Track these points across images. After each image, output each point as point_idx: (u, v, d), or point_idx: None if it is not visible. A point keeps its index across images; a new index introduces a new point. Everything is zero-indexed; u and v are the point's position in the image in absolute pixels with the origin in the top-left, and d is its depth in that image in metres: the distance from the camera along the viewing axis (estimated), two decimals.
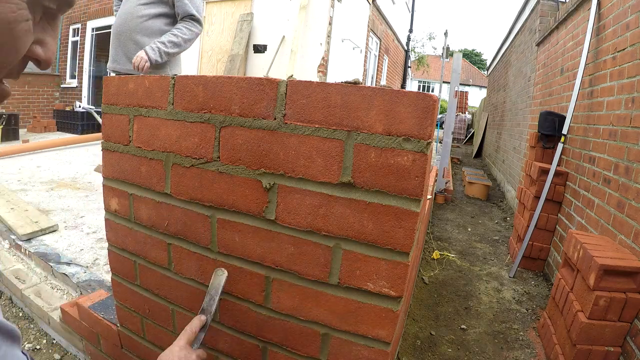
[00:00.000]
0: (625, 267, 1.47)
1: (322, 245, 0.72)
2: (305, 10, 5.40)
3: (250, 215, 0.77)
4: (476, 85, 32.46)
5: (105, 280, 1.78)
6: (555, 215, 2.71)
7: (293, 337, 0.79)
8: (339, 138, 0.67)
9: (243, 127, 0.75)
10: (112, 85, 0.95)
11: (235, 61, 5.62)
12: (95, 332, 1.29)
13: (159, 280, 0.95)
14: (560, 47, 3.35)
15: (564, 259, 1.86)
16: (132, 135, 0.91)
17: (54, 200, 2.89)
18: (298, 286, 0.75)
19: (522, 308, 2.23)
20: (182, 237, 0.88)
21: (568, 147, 2.70)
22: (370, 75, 9.41)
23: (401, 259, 0.67)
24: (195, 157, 0.82)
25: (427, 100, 0.61)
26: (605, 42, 2.26)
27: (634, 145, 1.77)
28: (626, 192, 1.77)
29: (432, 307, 2.14)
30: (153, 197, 0.90)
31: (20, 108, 7.33)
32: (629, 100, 1.89)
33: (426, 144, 0.62)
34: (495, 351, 1.79)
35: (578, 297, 1.61)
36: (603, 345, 1.51)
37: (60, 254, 2.01)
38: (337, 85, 0.66)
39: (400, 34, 11.99)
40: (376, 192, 0.66)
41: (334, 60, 5.96)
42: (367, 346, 0.72)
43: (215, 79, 0.77)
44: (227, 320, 0.86)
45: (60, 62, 8.66)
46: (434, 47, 24.61)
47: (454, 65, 4.74)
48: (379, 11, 8.76)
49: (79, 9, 8.25)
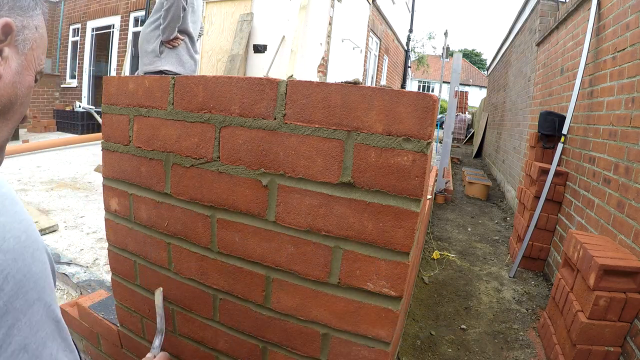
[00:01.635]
0: (625, 267, 1.47)
1: (322, 245, 0.72)
2: (305, 10, 5.39)
3: (250, 215, 0.77)
4: (476, 85, 32.45)
5: (105, 280, 1.78)
6: (555, 215, 2.71)
7: (293, 337, 0.79)
8: (339, 138, 0.67)
9: (243, 127, 0.75)
10: (112, 85, 0.95)
11: (235, 61, 5.62)
12: (95, 332, 1.29)
13: (159, 280, 0.95)
14: (560, 47, 3.35)
15: (564, 259, 1.86)
16: (132, 135, 0.91)
17: (54, 200, 2.89)
18: (298, 286, 0.75)
19: (522, 308, 2.23)
20: (182, 237, 0.88)
21: (568, 147, 2.70)
22: (370, 75, 9.41)
23: (401, 259, 0.66)
24: (195, 157, 0.82)
25: (427, 100, 0.61)
26: (605, 42, 2.26)
27: (634, 145, 1.77)
28: (626, 192, 1.77)
29: (432, 307, 2.14)
30: (153, 197, 0.90)
31: None
32: (629, 100, 1.89)
33: (426, 144, 0.62)
34: (495, 351, 1.79)
35: (578, 297, 1.61)
36: (603, 345, 1.51)
37: (60, 254, 2.01)
38: (337, 85, 0.66)
39: (400, 34, 11.99)
40: (376, 192, 0.66)
41: (334, 60, 5.96)
42: (367, 346, 0.72)
43: (215, 79, 0.77)
44: (227, 320, 0.86)
45: (60, 62, 8.66)
46: (434, 47, 24.60)
47: (454, 65, 4.74)
48: (379, 11, 8.76)
49: (79, 9, 8.25)
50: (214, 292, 0.86)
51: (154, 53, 2.53)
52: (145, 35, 2.55)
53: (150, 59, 2.54)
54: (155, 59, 2.53)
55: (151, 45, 2.53)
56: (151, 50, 2.53)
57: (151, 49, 2.52)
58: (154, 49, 2.52)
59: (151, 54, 2.53)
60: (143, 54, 2.58)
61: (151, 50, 2.53)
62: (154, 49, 2.52)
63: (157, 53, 2.53)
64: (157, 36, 2.52)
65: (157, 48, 2.52)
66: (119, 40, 7.51)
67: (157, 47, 2.52)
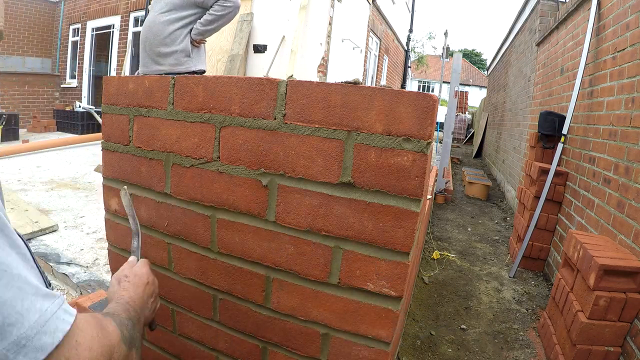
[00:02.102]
0: (625, 267, 1.47)
1: (322, 245, 0.72)
2: (305, 10, 5.39)
3: (250, 215, 0.77)
4: (476, 85, 32.45)
5: (105, 280, 1.78)
6: (555, 215, 2.71)
7: (293, 337, 0.79)
8: (339, 138, 0.67)
9: (243, 127, 0.75)
10: (112, 85, 0.95)
11: (235, 61, 5.62)
12: None
13: (159, 280, 0.94)
14: (560, 47, 3.35)
15: (564, 259, 1.86)
16: (132, 135, 0.91)
17: (54, 200, 2.90)
18: (298, 286, 0.75)
19: (522, 308, 2.23)
20: (182, 237, 0.88)
21: (568, 147, 2.70)
22: (370, 75, 9.41)
23: (401, 259, 0.67)
24: (195, 157, 0.82)
25: (427, 100, 0.61)
26: (605, 42, 2.26)
27: (634, 145, 1.77)
28: (626, 192, 1.77)
29: (432, 307, 2.14)
30: (153, 197, 0.90)
31: (20, 108, 7.33)
32: (629, 100, 1.89)
33: (426, 144, 0.62)
34: (495, 351, 1.79)
35: (578, 297, 1.61)
36: (603, 345, 1.51)
37: (60, 254, 2.01)
38: (337, 85, 0.66)
39: (400, 34, 11.99)
40: (376, 192, 0.66)
41: (334, 60, 5.96)
42: (367, 346, 0.72)
43: (215, 79, 0.77)
44: (227, 320, 0.86)
45: (60, 62, 8.66)
46: (434, 47, 24.59)
47: (454, 65, 4.74)
48: (379, 11, 8.76)
49: (79, 9, 8.24)
50: (214, 292, 0.86)
51: (184, 52, 2.40)
52: (170, 34, 2.37)
53: (177, 58, 2.40)
54: (186, 59, 2.42)
55: (179, 45, 2.38)
56: (181, 49, 2.39)
57: (180, 49, 2.39)
58: (184, 48, 2.39)
59: (181, 53, 2.40)
60: (166, 54, 2.40)
61: (181, 49, 2.39)
62: (184, 48, 2.39)
63: (187, 52, 2.41)
64: (185, 34, 2.38)
65: (188, 47, 2.41)
66: (119, 40, 7.51)
67: (187, 47, 2.40)
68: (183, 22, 2.38)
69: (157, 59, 2.42)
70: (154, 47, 2.40)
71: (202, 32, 2.40)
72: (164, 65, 2.42)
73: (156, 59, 2.43)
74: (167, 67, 2.41)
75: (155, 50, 2.40)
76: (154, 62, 2.44)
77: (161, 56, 2.41)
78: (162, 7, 2.37)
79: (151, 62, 2.46)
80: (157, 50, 2.39)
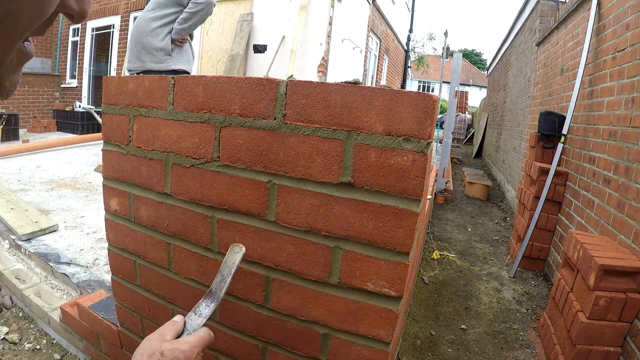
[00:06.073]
0: (625, 267, 1.47)
1: (322, 245, 0.72)
2: (305, 10, 5.39)
3: (250, 215, 0.77)
4: (476, 85, 32.45)
5: (105, 280, 1.78)
6: (555, 215, 2.71)
7: (293, 337, 0.78)
8: (339, 138, 0.67)
9: (243, 127, 0.75)
10: (112, 85, 0.95)
11: (235, 61, 5.62)
12: (95, 332, 1.29)
13: (159, 280, 0.95)
14: (560, 47, 3.35)
15: (564, 259, 1.86)
16: (132, 135, 0.91)
17: (54, 200, 2.90)
18: (298, 286, 0.75)
19: (522, 308, 2.23)
20: (182, 237, 0.88)
21: (568, 147, 2.70)
22: (370, 75, 9.41)
23: (401, 259, 0.66)
24: (195, 157, 0.82)
25: (427, 100, 0.61)
26: (605, 42, 2.26)
27: (634, 145, 1.77)
28: (626, 192, 1.77)
29: (432, 307, 2.14)
30: (153, 197, 0.90)
31: (20, 108, 7.32)
32: (629, 100, 1.89)
33: (426, 144, 0.62)
34: (495, 351, 1.79)
35: (578, 297, 1.61)
36: (603, 345, 1.51)
37: (60, 254, 2.01)
38: (337, 85, 0.66)
39: (400, 34, 11.99)
40: (376, 192, 0.66)
41: (334, 60, 5.95)
42: (367, 346, 0.72)
43: (215, 79, 0.77)
44: (227, 321, 0.86)
45: (60, 62, 8.66)
46: (434, 48, 24.60)
47: (454, 65, 4.74)
48: (379, 11, 8.76)
49: None
50: None
51: (164, 51, 2.42)
52: (152, 31, 2.40)
53: (159, 57, 2.43)
54: (166, 58, 2.44)
55: (160, 42, 2.41)
56: (161, 47, 2.41)
57: (161, 47, 2.41)
58: (164, 46, 2.41)
59: (160, 52, 2.42)
60: (147, 51, 2.43)
61: (161, 47, 2.41)
62: (164, 46, 2.41)
63: (167, 51, 2.43)
64: (167, 33, 2.40)
65: (169, 46, 2.43)
66: (119, 40, 7.51)
67: (168, 45, 2.42)
68: (164, 20, 2.42)
69: (140, 56, 2.46)
70: (138, 43, 2.45)
71: (179, 31, 2.42)
72: (145, 62, 2.45)
73: (139, 56, 2.46)
74: (148, 65, 2.44)
75: (139, 47, 2.45)
76: (137, 58, 2.47)
77: (143, 53, 2.45)
78: (150, 6, 2.43)
79: (135, 58, 2.49)
80: (140, 47, 2.44)
